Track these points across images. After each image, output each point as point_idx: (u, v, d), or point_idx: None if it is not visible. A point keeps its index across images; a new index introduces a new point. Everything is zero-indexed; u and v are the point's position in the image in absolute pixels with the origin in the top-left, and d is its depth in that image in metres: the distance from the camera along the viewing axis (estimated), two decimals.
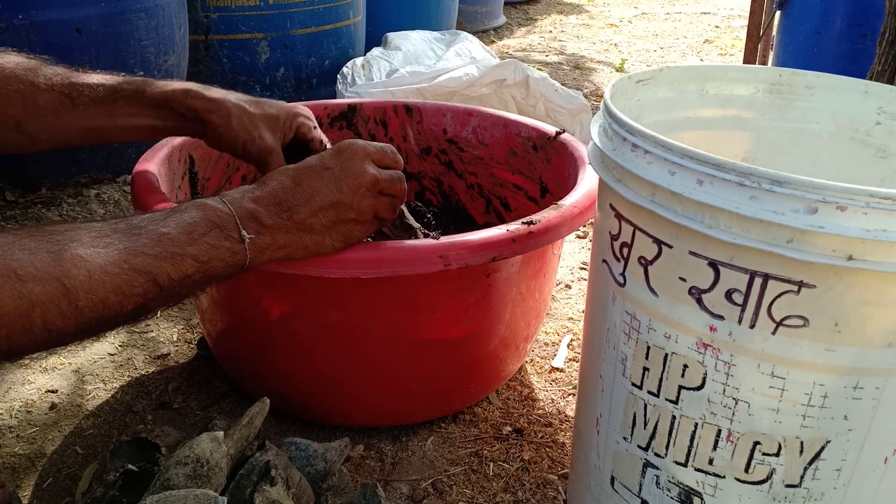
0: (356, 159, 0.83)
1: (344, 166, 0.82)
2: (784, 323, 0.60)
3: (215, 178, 1.26)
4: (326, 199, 0.80)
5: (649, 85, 0.82)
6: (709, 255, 0.61)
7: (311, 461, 0.88)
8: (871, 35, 1.89)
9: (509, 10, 4.35)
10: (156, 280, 0.68)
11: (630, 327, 0.70)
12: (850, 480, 0.65)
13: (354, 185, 0.82)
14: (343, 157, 0.83)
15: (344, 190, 0.81)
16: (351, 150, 0.84)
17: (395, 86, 1.97)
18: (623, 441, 0.75)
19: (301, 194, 0.79)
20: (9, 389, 1.16)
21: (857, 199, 0.53)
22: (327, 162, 0.82)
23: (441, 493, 0.98)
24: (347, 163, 0.82)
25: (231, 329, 1.06)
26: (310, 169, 0.81)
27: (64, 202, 1.73)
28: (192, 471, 0.78)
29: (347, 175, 0.82)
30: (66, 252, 0.63)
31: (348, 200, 0.81)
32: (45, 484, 0.98)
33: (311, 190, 0.80)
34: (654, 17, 4.44)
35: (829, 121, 0.86)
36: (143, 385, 1.17)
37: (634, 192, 0.65)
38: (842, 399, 0.61)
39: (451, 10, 3.21)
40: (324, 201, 0.80)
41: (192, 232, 0.71)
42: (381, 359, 0.99)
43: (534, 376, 1.23)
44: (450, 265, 0.86)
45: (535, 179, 1.28)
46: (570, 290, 1.50)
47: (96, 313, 0.64)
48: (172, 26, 1.83)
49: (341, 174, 0.82)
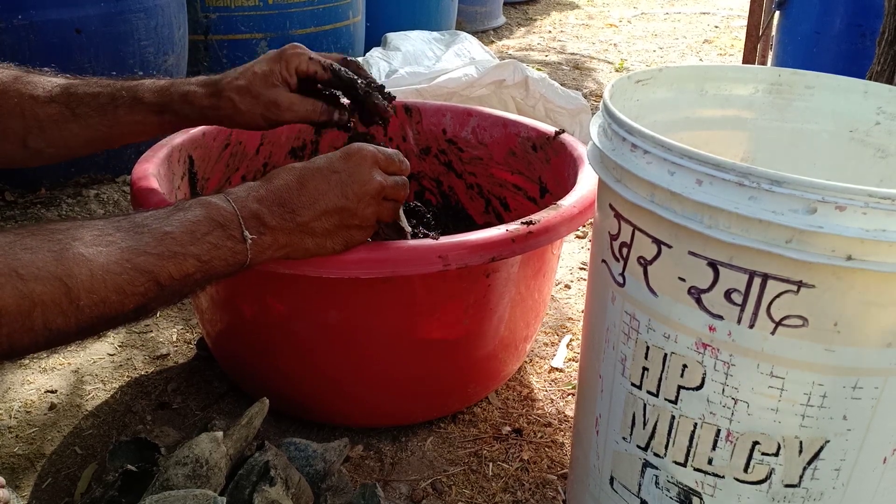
0: (364, 165, 0.81)
1: (351, 172, 0.81)
2: (783, 323, 0.60)
3: (215, 178, 1.26)
4: (331, 203, 0.79)
5: (649, 85, 0.82)
6: (708, 255, 0.61)
7: (311, 461, 0.88)
8: (870, 35, 1.89)
9: (509, 10, 4.35)
10: (157, 279, 0.68)
11: (629, 327, 0.70)
12: (850, 480, 0.65)
13: (360, 192, 0.81)
14: (351, 163, 0.81)
15: (349, 196, 0.80)
16: (360, 155, 0.82)
17: (395, 86, 1.97)
18: (622, 441, 0.75)
19: (306, 196, 0.79)
20: (8, 390, 1.15)
21: (856, 199, 0.53)
22: (335, 165, 0.81)
23: (440, 493, 0.98)
24: (355, 169, 0.81)
25: (230, 329, 1.06)
26: (316, 171, 0.80)
27: (63, 202, 1.73)
28: (192, 471, 0.78)
29: (354, 181, 0.81)
30: (68, 251, 0.63)
31: (353, 207, 0.81)
32: (44, 484, 0.98)
33: (316, 193, 0.79)
34: (653, 18, 4.44)
35: (829, 121, 0.86)
36: (143, 385, 1.17)
37: (634, 192, 0.65)
38: (841, 399, 0.61)
39: (451, 10, 3.21)
40: (328, 206, 0.79)
41: (194, 231, 0.71)
42: (381, 359, 0.99)
43: (533, 376, 1.23)
44: (449, 265, 0.86)
45: (534, 179, 1.28)
46: (569, 290, 1.50)
47: (97, 312, 0.64)
48: (172, 26, 1.83)
49: (348, 180, 0.80)
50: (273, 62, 0.93)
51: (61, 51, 1.62)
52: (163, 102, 0.92)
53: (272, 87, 0.92)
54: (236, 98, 0.92)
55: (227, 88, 0.92)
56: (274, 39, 2.21)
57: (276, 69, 0.93)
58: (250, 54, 2.19)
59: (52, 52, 1.61)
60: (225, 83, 0.93)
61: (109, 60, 1.69)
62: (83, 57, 1.65)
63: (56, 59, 1.54)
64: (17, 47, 1.58)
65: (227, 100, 0.92)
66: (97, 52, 1.67)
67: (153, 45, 1.78)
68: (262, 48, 2.20)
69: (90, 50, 1.66)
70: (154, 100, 0.92)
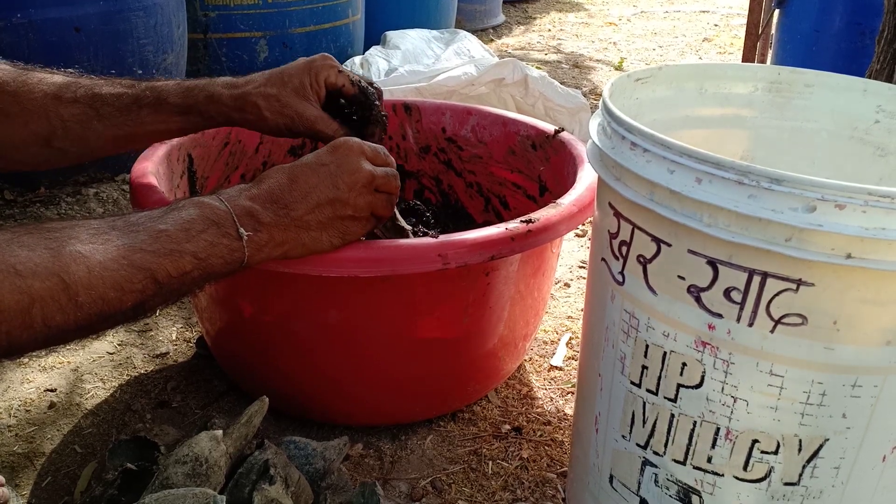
0: (352, 155, 0.83)
1: (340, 163, 0.82)
2: (783, 321, 0.60)
3: (214, 177, 1.26)
4: (323, 195, 0.80)
5: (648, 83, 0.82)
6: (707, 253, 0.61)
7: (310, 460, 0.88)
8: (869, 33, 1.89)
9: (508, 8, 4.35)
10: (155, 277, 0.68)
11: (629, 326, 0.70)
12: (849, 478, 0.65)
13: (351, 181, 0.82)
14: (338, 154, 0.82)
15: (340, 186, 0.81)
16: (346, 146, 0.83)
17: (394, 85, 1.97)
18: (622, 439, 0.75)
19: (297, 191, 0.79)
20: (7, 388, 1.16)
21: (855, 197, 0.53)
22: (323, 159, 0.82)
23: (440, 491, 0.98)
24: (343, 159, 0.82)
25: (230, 328, 1.06)
26: (305, 166, 0.81)
27: (63, 201, 1.73)
28: (191, 469, 0.78)
29: (343, 171, 0.81)
30: (65, 248, 0.63)
31: (345, 197, 0.81)
32: (43, 483, 0.98)
33: (307, 187, 0.80)
34: (652, 16, 4.44)
35: (828, 119, 0.86)
36: (142, 384, 1.17)
37: (633, 190, 0.65)
38: (840, 397, 0.61)
39: (450, 8, 3.21)
40: (320, 198, 0.80)
41: (189, 229, 0.71)
42: (380, 357, 0.99)
43: (533, 375, 1.23)
44: (448, 264, 0.86)
45: (533, 178, 1.28)
46: (568, 288, 1.50)
47: (96, 309, 0.64)
48: (171, 25, 1.83)
49: (337, 171, 0.81)
50: (304, 73, 0.93)
51: (60, 49, 1.62)
52: (188, 104, 0.92)
53: (302, 101, 0.93)
54: (262, 105, 0.92)
55: (253, 94, 0.92)
56: (273, 38, 2.21)
57: (306, 82, 0.93)
58: (250, 53, 2.19)
59: (51, 50, 1.61)
60: (251, 88, 0.92)
61: (108, 59, 1.69)
62: (82, 55, 1.65)
63: (55, 58, 1.54)
64: (15, 46, 1.57)
65: (252, 105, 0.92)
66: (96, 51, 1.67)
67: (152, 43, 1.77)
68: (262, 47, 2.20)
69: (89, 49, 1.66)
70: (179, 101, 0.92)
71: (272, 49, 2.20)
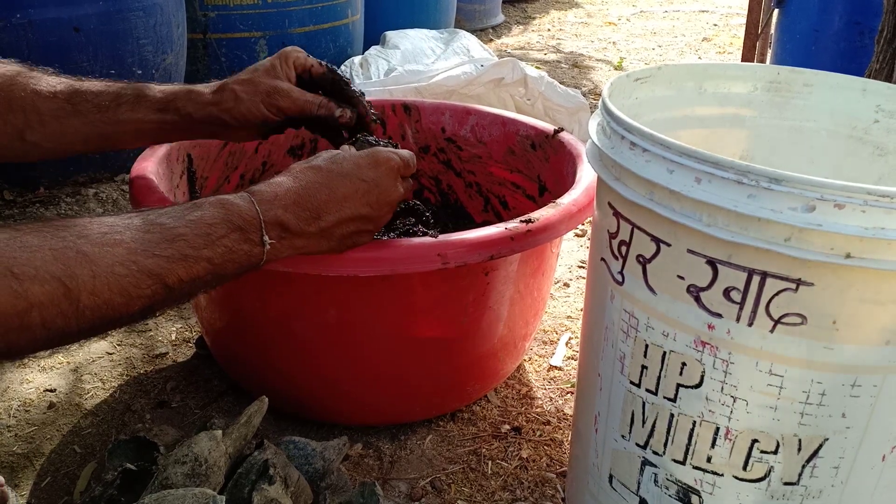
0: (391, 176, 0.83)
1: (379, 182, 0.82)
2: (782, 321, 0.60)
3: (214, 177, 1.26)
4: (354, 211, 0.80)
5: (647, 83, 0.82)
6: (707, 253, 0.61)
7: (310, 460, 0.88)
8: (869, 33, 1.89)
9: (508, 8, 4.35)
10: (165, 282, 0.66)
11: (628, 325, 0.70)
12: (848, 478, 0.65)
13: (383, 201, 0.82)
14: (379, 172, 0.82)
15: (373, 205, 0.81)
16: (388, 165, 0.83)
17: (394, 84, 1.97)
18: (621, 439, 0.75)
19: (332, 202, 0.79)
20: (7, 388, 1.15)
21: (855, 196, 0.53)
22: (364, 174, 0.81)
23: (439, 491, 0.98)
24: (383, 179, 0.82)
25: (229, 328, 1.06)
26: (344, 176, 0.80)
27: (62, 201, 1.73)
28: (191, 469, 0.78)
29: (381, 192, 0.82)
30: (71, 250, 0.61)
31: (374, 215, 0.82)
32: (43, 483, 0.98)
33: (341, 198, 0.79)
34: (652, 16, 4.44)
35: (827, 119, 0.86)
36: (142, 384, 1.17)
37: (633, 190, 0.65)
38: (840, 397, 0.61)
39: (450, 8, 3.21)
40: (351, 213, 0.80)
41: (210, 234, 0.69)
42: (380, 357, 0.99)
43: (532, 375, 1.23)
44: (448, 263, 0.86)
45: (533, 178, 1.28)
46: (568, 288, 1.50)
47: (100, 314, 0.63)
48: (170, 25, 1.83)
49: (375, 189, 0.81)
50: (273, 59, 0.98)
51: (60, 49, 1.62)
52: (167, 100, 0.93)
53: (274, 79, 0.96)
54: (238, 88, 0.94)
55: (229, 83, 0.95)
56: (273, 38, 2.21)
57: (277, 63, 0.97)
58: (249, 53, 2.18)
59: (51, 50, 1.61)
60: (229, 80, 0.96)
61: (108, 59, 1.69)
62: (82, 56, 1.65)
63: (54, 58, 1.55)
64: (15, 45, 1.57)
65: (229, 91, 0.94)
66: (96, 51, 1.67)
67: (152, 43, 1.77)
68: (261, 46, 2.20)
69: (89, 49, 1.66)
70: (159, 97, 0.93)
71: (272, 49, 2.20)
